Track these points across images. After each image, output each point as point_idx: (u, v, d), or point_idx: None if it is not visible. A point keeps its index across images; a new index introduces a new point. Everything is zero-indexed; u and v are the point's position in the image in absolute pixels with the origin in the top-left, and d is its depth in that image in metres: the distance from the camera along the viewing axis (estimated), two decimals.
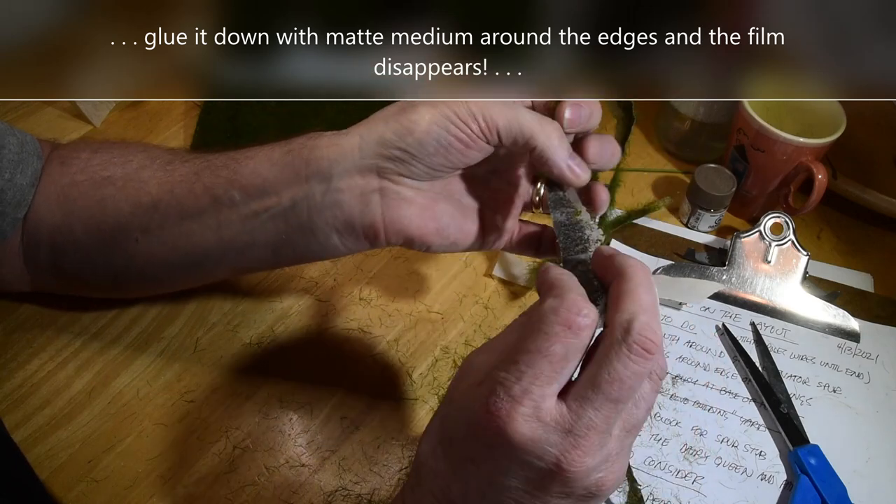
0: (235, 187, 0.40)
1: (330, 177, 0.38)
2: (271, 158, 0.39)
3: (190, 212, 0.41)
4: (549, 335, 0.29)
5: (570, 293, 0.30)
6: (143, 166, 0.44)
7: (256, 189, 0.39)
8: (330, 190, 0.38)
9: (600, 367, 0.29)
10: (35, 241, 0.45)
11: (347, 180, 0.38)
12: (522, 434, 0.28)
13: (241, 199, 0.40)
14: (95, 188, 0.43)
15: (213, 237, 0.41)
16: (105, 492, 0.43)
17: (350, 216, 0.38)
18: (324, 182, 0.38)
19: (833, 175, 0.62)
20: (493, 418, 0.28)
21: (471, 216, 0.42)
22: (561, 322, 0.29)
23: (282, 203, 0.39)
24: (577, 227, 0.37)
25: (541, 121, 0.37)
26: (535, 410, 0.28)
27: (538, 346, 0.29)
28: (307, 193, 0.38)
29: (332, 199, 0.38)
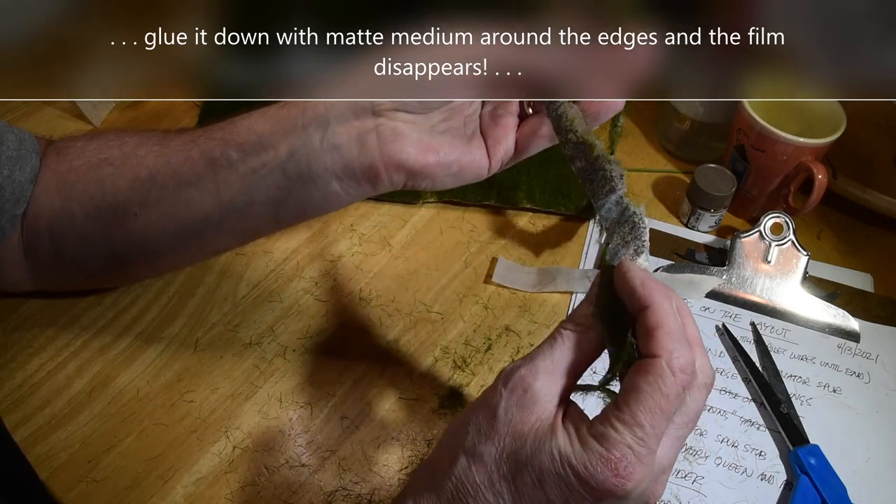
0: (231, 146, 0.40)
1: (327, 122, 0.38)
2: (265, 114, 0.40)
3: (187, 178, 0.41)
4: (670, 397, 0.29)
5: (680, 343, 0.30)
6: (139, 144, 0.44)
7: (252, 145, 0.39)
8: (327, 135, 0.38)
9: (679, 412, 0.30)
10: (35, 234, 0.45)
11: (345, 124, 0.38)
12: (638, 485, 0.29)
13: (237, 158, 0.40)
14: (93, 170, 0.44)
15: (211, 201, 0.41)
16: (105, 492, 0.43)
17: (349, 159, 0.38)
18: (321, 128, 0.38)
19: (833, 175, 0.62)
20: (622, 481, 0.28)
21: (475, 142, 0.41)
22: (680, 383, 0.29)
23: (279, 155, 0.39)
24: (597, 167, 0.36)
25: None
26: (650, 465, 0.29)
27: (660, 406, 0.29)
28: (304, 141, 0.38)
29: (329, 144, 0.38)
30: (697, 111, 0.65)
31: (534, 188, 0.61)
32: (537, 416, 0.31)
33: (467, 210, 0.61)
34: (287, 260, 0.56)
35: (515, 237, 0.60)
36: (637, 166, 0.68)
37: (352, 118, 0.38)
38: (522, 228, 0.61)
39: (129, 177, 0.43)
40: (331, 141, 0.38)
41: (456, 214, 0.61)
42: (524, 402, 0.31)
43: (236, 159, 0.40)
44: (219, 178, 0.41)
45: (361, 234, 0.59)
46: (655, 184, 0.66)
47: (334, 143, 0.38)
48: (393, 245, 0.58)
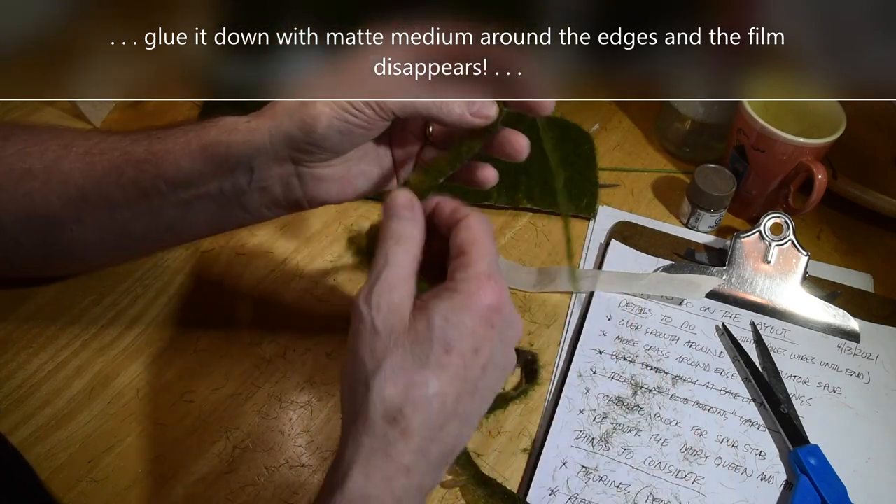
0: (162, 181, 0.42)
1: (251, 168, 0.41)
2: (190, 152, 0.41)
3: (120, 202, 0.43)
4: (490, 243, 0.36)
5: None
6: (60, 157, 0.44)
7: (182, 181, 0.41)
8: (254, 179, 0.41)
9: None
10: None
11: (268, 171, 0.41)
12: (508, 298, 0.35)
13: (168, 190, 0.42)
14: (18, 182, 0.43)
15: (148, 222, 0.43)
16: (105, 492, 0.43)
17: (276, 197, 0.42)
18: (247, 173, 0.41)
19: (833, 175, 0.62)
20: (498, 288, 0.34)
21: (385, 163, 0.45)
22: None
23: (210, 190, 0.42)
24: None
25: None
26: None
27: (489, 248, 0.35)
28: (233, 182, 0.41)
29: (256, 185, 0.41)
30: (697, 111, 0.65)
31: (534, 188, 0.61)
32: (407, 308, 0.33)
33: None
34: (287, 260, 0.56)
35: (515, 237, 0.60)
36: (637, 166, 0.68)
37: (274, 165, 0.41)
38: (522, 228, 0.61)
39: (58, 192, 0.43)
40: (258, 183, 0.41)
41: None
42: (392, 309, 0.33)
43: (167, 191, 0.42)
44: (153, 206, 0.43)
45: (362, 234, 0.59)
46: (655, 184, 0.66)
47: (261, 185, 0.41)
48: None
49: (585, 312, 0.55)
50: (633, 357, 0.52)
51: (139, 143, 0.43)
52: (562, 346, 0.53)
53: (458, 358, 0.33)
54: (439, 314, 0.33)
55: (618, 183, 0.66)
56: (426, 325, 0.33)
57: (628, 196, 0.65)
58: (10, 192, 0.43)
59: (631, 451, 0.47)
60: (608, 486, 0.45)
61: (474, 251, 0.35)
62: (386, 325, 0.33)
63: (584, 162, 0.65)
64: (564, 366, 0.51)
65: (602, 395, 0.50)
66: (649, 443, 0.47)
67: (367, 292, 0.33)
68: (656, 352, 0.53)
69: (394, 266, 0.34)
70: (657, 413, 0.49)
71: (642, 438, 0.48)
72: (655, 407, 0.49)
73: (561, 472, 0.46)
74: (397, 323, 0.33)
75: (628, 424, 0.48)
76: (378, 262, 0.34)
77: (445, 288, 0.34)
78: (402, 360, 0.32)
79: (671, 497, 0.45)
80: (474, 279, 0.34)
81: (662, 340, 0.53)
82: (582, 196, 0.62)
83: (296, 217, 0.59)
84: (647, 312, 0.55)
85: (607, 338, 0.53)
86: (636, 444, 0.47)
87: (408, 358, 0.32)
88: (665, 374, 0.51)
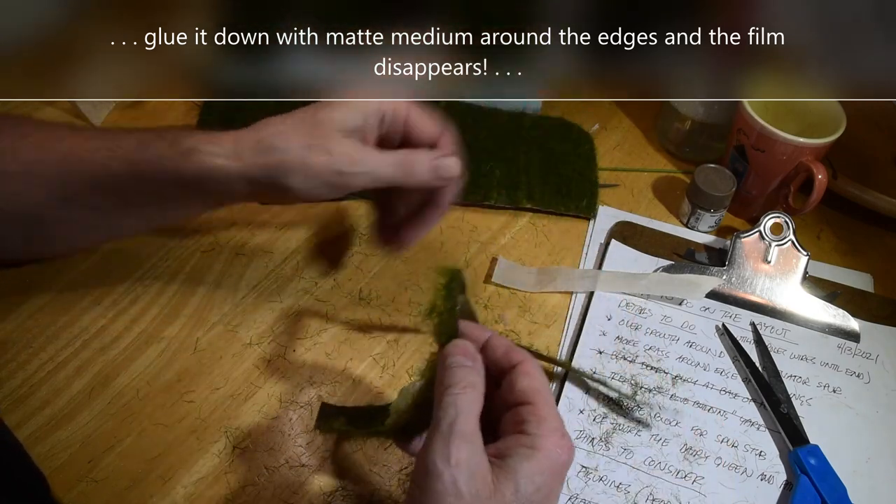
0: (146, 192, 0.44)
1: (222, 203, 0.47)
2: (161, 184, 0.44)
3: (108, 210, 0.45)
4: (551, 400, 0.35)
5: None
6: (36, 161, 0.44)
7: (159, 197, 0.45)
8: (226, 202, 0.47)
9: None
10: None
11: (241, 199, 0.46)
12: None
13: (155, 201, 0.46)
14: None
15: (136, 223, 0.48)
16: (105, 492, 0.43)
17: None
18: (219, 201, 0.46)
19: (833, 175, 0.62)
20: (568, 444, 0.34)
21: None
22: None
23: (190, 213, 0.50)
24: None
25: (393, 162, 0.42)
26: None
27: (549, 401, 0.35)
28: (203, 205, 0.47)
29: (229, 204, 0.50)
30: (697, 111, 0.65)
31: (534, 188, 0.61)
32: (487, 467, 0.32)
33: (467, 210, 0.61)
34: (287, 260, 0.56)
35: (515, 237, 0.60)
36: (637, 166, 0.68)
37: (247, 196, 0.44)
38: (522, 228, 0.61)
39: (42, 194, 0.44)
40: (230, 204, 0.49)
41: (456, 214, 0.61)
42: (473, 469, 0.31)
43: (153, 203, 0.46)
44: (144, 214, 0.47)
45: (361, 234, 0.59)
46: (655, 184, 0.66)
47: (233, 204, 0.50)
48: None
49: (585, 312, 0.55)
50: (634, 357, 0.52)
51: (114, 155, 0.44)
52: (562, 346, 0.53)
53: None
54: (525, 477, 0.31)
55: (618, 183, 0.66)
56: (513, 490, 0.31)
57: (628, 196, 0.65)
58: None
59: (631, 451, 0.47)
60: (608, 486, 0.45)
61: (542, 402, 0.34)
62: (470, 488, 0.30)
63: (584, 162, 0.65)
64: None
65: (602, 394, 0.50)
66: (649, 443, 0.47)
67: (443, 447, 0.31)
68: (656, 352, 0.53)
69: (465, 416, 0.32)
70: (657, 413, 0.49)
71: (642, 438, 0.48)
72: (655, 407, 0.49)
73: None
74: (481, 485, 0.30)
75: (628, 424, 0.48)
76: (447, 411, 0.32)
77: (521, 443, 0.32)
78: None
79: (671, 497, 0.45)
80: (550, 435, 0.33)
81: (662, 340, 0.53)
82: (582, 196, 0.62)
83: (296, 216, 0.59)
84: (647, 312, 0.55)
85: (607, 338, 0.53)
86: (636, 444, 0.47)
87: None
88: (665, 374, 0.51)
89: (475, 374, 0.34)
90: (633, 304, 0.55)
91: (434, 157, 0.43)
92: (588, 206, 0.61)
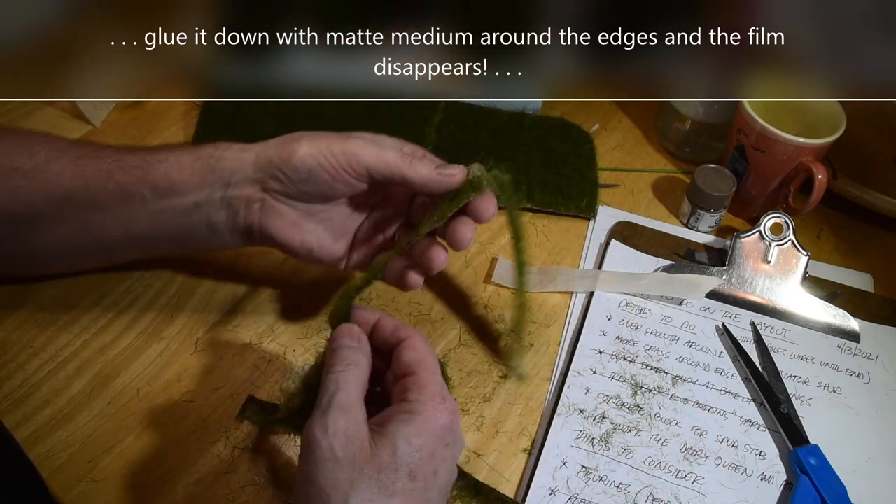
0: (147, 186, 0.44)
1: (228, 184, 0.44)
2: (181, 163, 0.44)
3: (102, 205, 0.44)
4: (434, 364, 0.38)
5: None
6: (51, 158, 0.45)
7: (166, 189, 0.44)
8: (226, 195, 0.44)
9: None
10: None
11: (240, 189, 0.44)
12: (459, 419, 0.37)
13: (150, 197, 0.44)
14: (3, 179, 0.44)
15: (122, 229, 0.45)
16: (105, 492, 0.43)
17: (236, 217, 0.45)
18: (223, 188, 0.44)
19: (833, 175, 0.62)
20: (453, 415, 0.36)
21: (341, 240, 0.48)
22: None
23: (185, 203, 0.44)
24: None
25: (402, 154, 0.42)
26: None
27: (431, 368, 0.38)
28: (209, 195, 0.44)
29: (226, 202, 0.44)
30: (697, 111, 0.65)
31: (534, 188, 0.61)
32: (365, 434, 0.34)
33: None
34: (287, 260, 0.56)
35: None
36: (637, 166, 0.68)
37: (247, 185, 0.44)
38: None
39: (43, 192, 0.44)
40: (227, 200, 0.44)
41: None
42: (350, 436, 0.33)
43: (149, 198, 0.44)
44: (131, 211, 0.44)
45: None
46: (655, 184, 0.66)
47: (229, 203, 0.44)
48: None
49: (585, 312, 0.55)
50: (633, 357, 0.52)
51: (134, 153, 0.45)
52: (562, 346, 0.53)
53: (422, 482, 0.33)
54: (402, 439, 0.33)
55: (618, 183, 0.66)
56: (391, 452, 0.33)
57: (628, 196, 0.65)
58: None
59: (631, 451, 0.47)
60: (608, 486, 0.45)
61: (424, 371, 0.36)
62: (346, 453, 0.32)
63: (584, 162, 0.65)
64: (564, 366, 0.52)
65: (602, 394, 0.50)
66: (649, 443, 0.47)
67: (321, 418, 0.33)
68: (656, 352, 0.53)
69: (345, 391, 0.34)
70: (657, 413, 0.49)
71: (642, 438, 0.48)
72: (655, 407, 0.49)
73: (561, 472, 0.46)
74: (358, 450, 0.33)
75: (628, 424, 0.48)
76: (328, 387, 0.35)
77: (402, 409, 0.35)
78: (369, 492, 0.32)
79: (671, 497, 0.45)
80: (429, 400, 0.35)
81: (662, 340, 0.53)
82: (582, 196, 0.62)
83: None
84: (647, 312, 0.55)
85: (607, 338, 0.53)
86: (636, 444, 0.47)
87: (374, 488, 0.32)
88: (665, 374, 0.51)
89: (358, 353, 0.37)
90: (633, 304, 0.55)
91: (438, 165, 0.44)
92: (588, 206, 0.61)
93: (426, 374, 0.36)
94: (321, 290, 0.55)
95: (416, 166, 0.42)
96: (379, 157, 0.42)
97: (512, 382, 0.50)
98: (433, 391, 0.35)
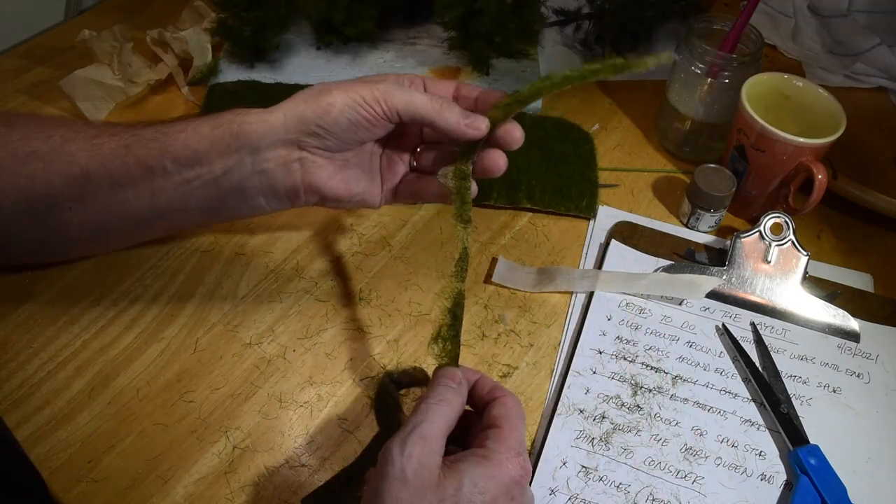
0: (167, 158, 0.43)
1: (258, 149, 0.43)
2: (199, 132, 0.43)
3: (123, 182, 0.44)
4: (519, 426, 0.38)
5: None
6: (67, 140, 0.45)
7: (188, 159, 0.43)
8: (258, 160, 0.43)
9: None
10: None
11: (273, 152, 0.43)
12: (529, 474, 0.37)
13: (173, 169, 0.44)
14: (21, 163, 0.44)
15: (147, 203, 0.45)
16: (105, 492, 0.43)
17: (275, 182, 0.44)
18: (253, 153, 0.43)
19: (833, 175, 0.62)
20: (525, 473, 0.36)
21: (375, 178, 0.49)
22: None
23: (213, 171, 0.43)
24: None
25: (431, 99, 0.44)
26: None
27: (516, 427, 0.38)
28: (238, 162, 0.43)
29: (259, 168, 0.43)
30: (697, 111, 0.65)
31: (534, 188, 0.61)
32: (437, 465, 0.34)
33: None
34: (287, 260, 0.56)
35: (515, 237, 0.60)
36: (637, 166, 0.68)
37: (280, 148, 0.43)
38: (522, 228, 0.61)
39: (61, 173, 0.44)
40: (260, 165, 0.43)
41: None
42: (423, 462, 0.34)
43: (172, 170, 0.44)
44: (154, 185, 0.44)
45: (361, 234, 0.59)
46: (655, 184, 0.66)
47: (263, 168, 0.44)
48: (393, 245, 0.58)
49: (585, 312, 0.55)
50: (633, 357, 0.52)
51: (150, 127, 0.45)
52: (562, 346, 0.53)
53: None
54: (469, 478, 0.34)
55: (618, 183, 0.66)
56: (456, 486, 0.34)
57: (628, 196, 0.65)
58: (11, 175, 0.44)
59: (631, 451, 0.47)
60: (608, 486, 0.45)
61: (508, 427, 0.37)
62: (415, 476, 0.33)
63: (584, 162, 0.64)
64: (564, 366, 0.51)
65: (602, 394, 0.50)
66: (649, 443, 0.47)
67: (402, 440, 0.34)
68: (656, 352, 0.53)
69: (431, 422, 0.35)
70: (657, 413, 0.49)
71: (642, 438, 0.48)
72: (655, 407, 0.49)
73: (561, 471, 0.46)
74: (426, 477, 0.33)
75: (628, 424, 0.48)
76: (417, 415, 0.36)
77: (476, 453, 0.36)
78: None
79: (671, 497, 0.45)
80: (505, 451, 0.36)
81: (662, 340, 0.53)
82: (582, 196, 0.62)
83: (296, 216, 0.59)
84: (647, 312, 0.55)
85: (607, 338, 0.53)
86: (636, 444, 0.47)
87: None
88: (665, 374, 0.51)
89: (454, 393, 0.38)
90: (633, 304, 0.55)
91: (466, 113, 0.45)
92: (588, 206, 0.61)
93: (509, 429, 0.37)
94: (322, 289, 0.55)
95: (444, 115, 0.43)
96: (409, 102, 0.43)
97: (513, 381, 0.50)
98: (511, 444, 0.36)
